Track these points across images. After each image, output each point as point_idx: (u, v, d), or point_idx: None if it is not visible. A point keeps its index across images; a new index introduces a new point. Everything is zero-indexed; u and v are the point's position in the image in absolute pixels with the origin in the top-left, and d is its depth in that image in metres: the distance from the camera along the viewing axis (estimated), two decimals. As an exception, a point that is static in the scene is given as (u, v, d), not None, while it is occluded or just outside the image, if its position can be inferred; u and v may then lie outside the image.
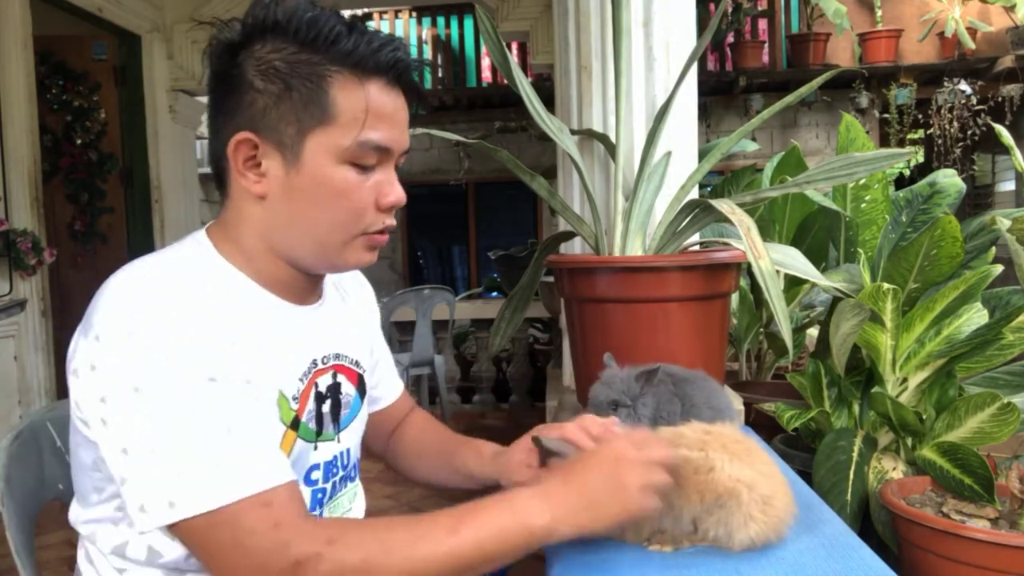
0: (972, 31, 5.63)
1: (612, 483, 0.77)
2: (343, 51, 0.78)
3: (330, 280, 0.98)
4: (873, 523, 1.67)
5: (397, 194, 0.84)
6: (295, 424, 0.84)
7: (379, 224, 0.84)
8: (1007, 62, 5.63)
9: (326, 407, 0.89)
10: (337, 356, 0.93)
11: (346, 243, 0.84)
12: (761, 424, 2.00)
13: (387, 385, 1.13)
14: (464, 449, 1.06)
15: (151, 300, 0.73)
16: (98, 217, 4.28)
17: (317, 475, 0.89)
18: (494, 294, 5.19)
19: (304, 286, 0.89)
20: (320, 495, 0.90)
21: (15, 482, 0.90)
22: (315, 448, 0.88)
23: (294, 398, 0.84)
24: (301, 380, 0.86)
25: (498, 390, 4.71)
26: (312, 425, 0.87)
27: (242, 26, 0.80)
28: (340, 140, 0.79)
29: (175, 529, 0.71)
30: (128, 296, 0.74)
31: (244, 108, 0.79)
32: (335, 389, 0.91)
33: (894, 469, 1.71)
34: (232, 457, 0.70)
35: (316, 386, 0.88)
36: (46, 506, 0.96)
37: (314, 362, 0.88)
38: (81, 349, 0.73)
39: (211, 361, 0.72)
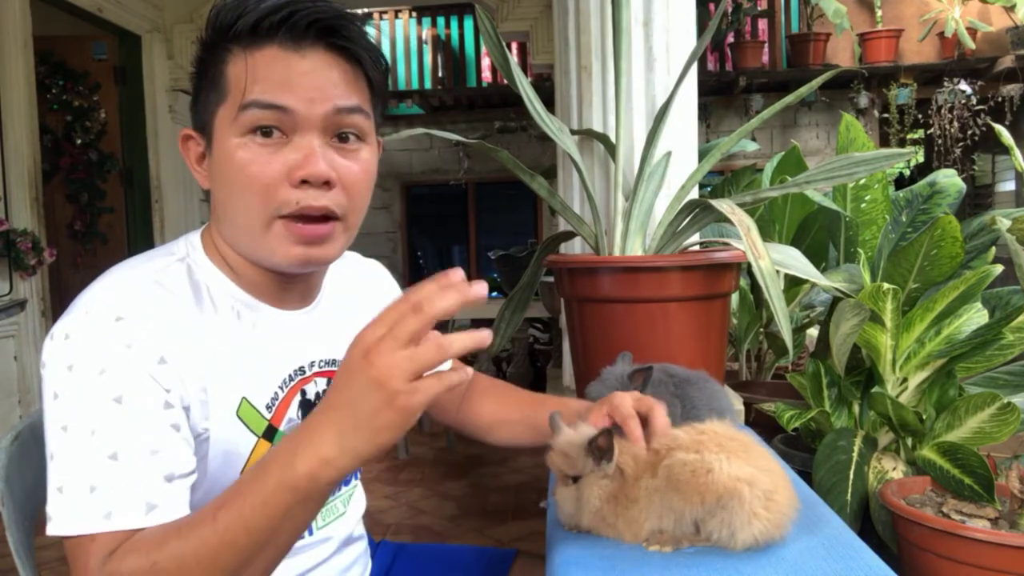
0: (972, 31, 5.63)
1: (370, 388, 0.59)
2: (237, 30, 0.76)
3: (333, 280, 0.95)
4: (873, 523, 1.67)
5: (313, 166, 0.74)
6: (269, 433, 0.81)
7: (292, 203, 0.75)
8: (1007, 62, 5.63)
9: None
10: (334, 362, 0.90)
11: (264, 229, 0.77)
12: (761, 424, 2.00)
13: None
14: (546, 409, 1.00)
15: (97, 308, 0.73)
16: (98, 217, 4.29)
17: None
18: (494, 294, 5.19)
19: (284, 287, 0.84)
20: None
21: (15, 482, 0.90)
22: None
23: (267, 407, 0.81)
24: (280, 388, 0.83)
25: (498, 390, 4.71)
26: None
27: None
28: (231, 111, 0.76)
29: None
30: (84, 301, 0.74)
31: (191, 108, 0.82)
32: None
33: (894, 469, 1.71)
34: (107, 487, 0.67)
35: (303, 393, 0.85)
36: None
37: (300, 369, 0.86)
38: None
39: (125, 380, 0.70)
